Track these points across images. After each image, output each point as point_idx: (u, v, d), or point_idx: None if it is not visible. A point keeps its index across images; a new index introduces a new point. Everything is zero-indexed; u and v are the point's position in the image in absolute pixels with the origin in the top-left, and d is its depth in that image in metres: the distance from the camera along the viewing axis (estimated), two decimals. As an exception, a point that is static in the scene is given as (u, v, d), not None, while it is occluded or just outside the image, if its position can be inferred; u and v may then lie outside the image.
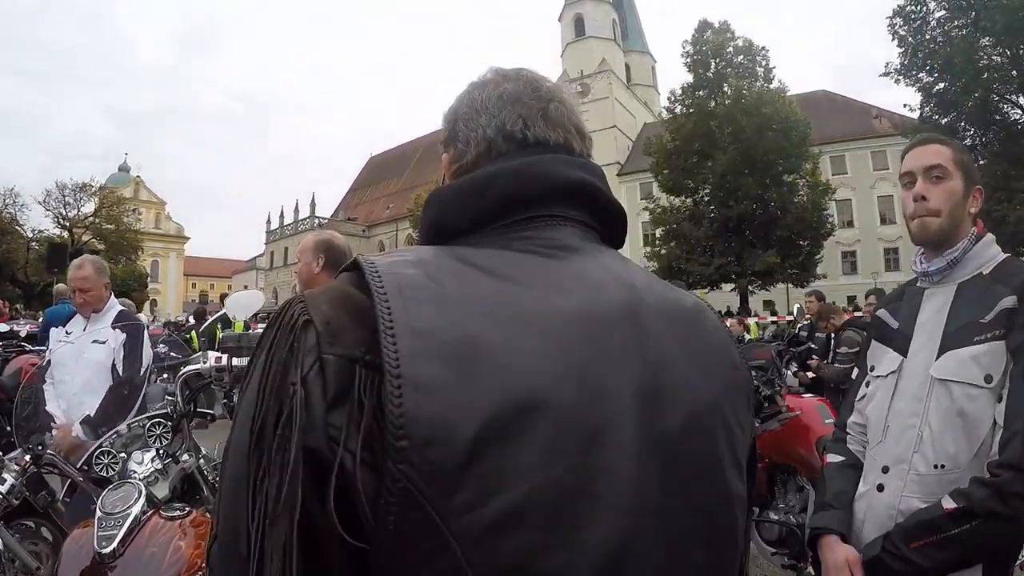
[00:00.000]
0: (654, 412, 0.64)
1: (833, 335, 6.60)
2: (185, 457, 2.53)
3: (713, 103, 31.71)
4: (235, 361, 2.30)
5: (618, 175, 52.40)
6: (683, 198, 32.97)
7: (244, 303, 2.97)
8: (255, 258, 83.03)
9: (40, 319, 10.26)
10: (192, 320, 12.94)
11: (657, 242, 34.27)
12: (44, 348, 8.55)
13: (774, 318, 21.12)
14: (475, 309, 0.59)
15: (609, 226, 0.81)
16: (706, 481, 0.68)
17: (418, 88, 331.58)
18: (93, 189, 40.36)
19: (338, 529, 0.52)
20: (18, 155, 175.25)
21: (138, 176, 73.21)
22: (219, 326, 11.08)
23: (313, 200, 67.08)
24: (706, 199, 32.20)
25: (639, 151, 49.72)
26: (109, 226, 41.13)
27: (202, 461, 2.64)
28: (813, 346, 6.15)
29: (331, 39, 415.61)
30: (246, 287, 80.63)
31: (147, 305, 44.30)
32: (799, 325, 8.55)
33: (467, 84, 0.88)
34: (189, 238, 79.19)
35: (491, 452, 0.53)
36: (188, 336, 11.60)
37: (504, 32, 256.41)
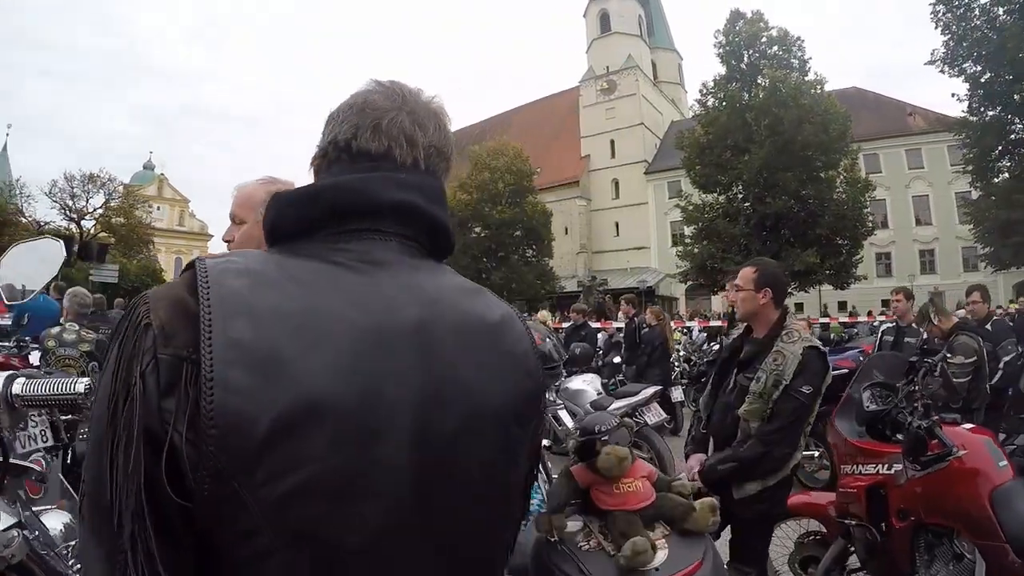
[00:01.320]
0: (432, 416, 0.76)
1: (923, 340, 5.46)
2: (12, 534, 1.48)
3: (747, 96, 30.18)
4: (16, 388, 1.21)
5: (645, 173, 51.15)
6: (716, 195, 31.35)
7: (32, 261, 1.83)
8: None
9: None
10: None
11: (687, 240, 32.65)
12: (6, 346, 7.56)
13: (840, 319, 19.74)
14: (282, 324, 0.70)
15: (434, 240, 0.92)
16: (479, 472, 0.81)
17: (441, 87, 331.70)
18: (102, 180, 38.56)
19: (167, 490, 0.64)
20: (45, 155, 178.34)
21: (162, 174, 73.34)
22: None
23: (335, 198, 66.65)
24: (740, 196, 30.60)
25: (667, 149, 48.46)
26: (119, 219, 39.73)
27: (37, 541, 1.59)
28: (950, 356, 4.91)
29: (354, 40, 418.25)
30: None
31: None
32: (883, 327, 7.14)
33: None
34: (213, 236, 79.07)
35: (282, 442, 0.65)
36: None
37: (529, 28, 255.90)
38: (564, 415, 6.62)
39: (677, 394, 8.33)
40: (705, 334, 15.54)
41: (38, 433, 4.08)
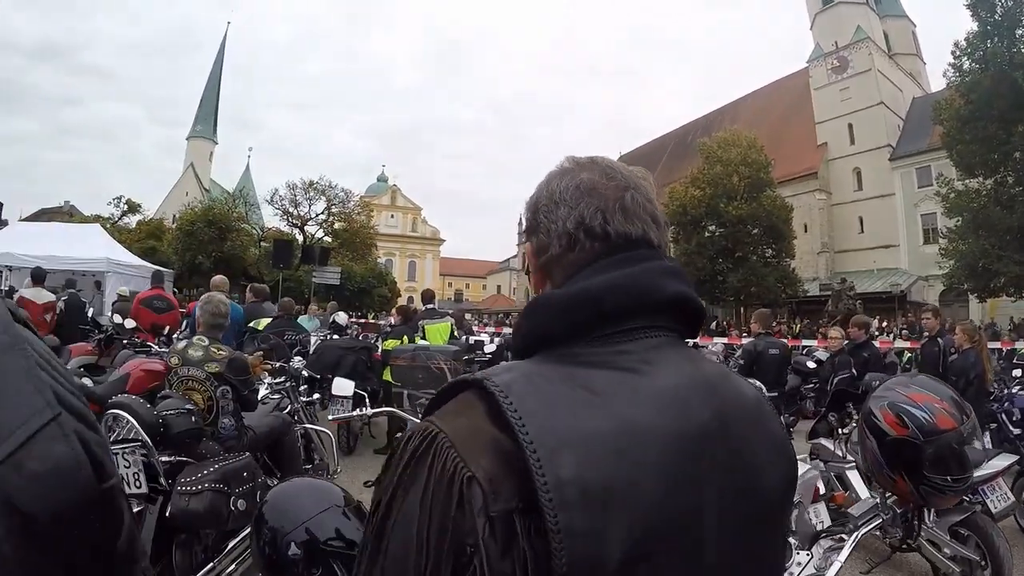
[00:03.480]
0: (734, 507, 0.75)
1: None
2: None
3: (1008, 53, 23.68)
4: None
5: (890, 159, 43.77)
6: (981, 178, 25.35)
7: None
8: (508, 259, 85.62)
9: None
10: (395, 321, 10.52)
11: (944, 235, 27.55)
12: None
13: None
14: (601, 450, 0.67)
15: (693, 325, 0.87)
16: (765, 555, 0.82)
17: (663, 82, 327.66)
18: (321, 187, 40.62)
19: None
20: (289, 175, 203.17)
21: (395, 185, 79.07)
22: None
23: (563, 199, 67.63)
24: (1010, 178, 24.48)
25: (911, 130, 42.07)
26: (341, 224, 41.86)
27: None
28: None
29: (572, 42, 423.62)
30: (499, 287, 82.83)
31: (403, 300, 43.90)
32: None
33: (546, 173, 0.92)
34: (444, 240, 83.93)
35: (627, 573, 0.64)
36: (376, 342, 9.92)
37: (746, 10, 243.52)
38: (854, 478, 4.66)
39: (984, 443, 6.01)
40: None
41: (130, 476, 3.28)
